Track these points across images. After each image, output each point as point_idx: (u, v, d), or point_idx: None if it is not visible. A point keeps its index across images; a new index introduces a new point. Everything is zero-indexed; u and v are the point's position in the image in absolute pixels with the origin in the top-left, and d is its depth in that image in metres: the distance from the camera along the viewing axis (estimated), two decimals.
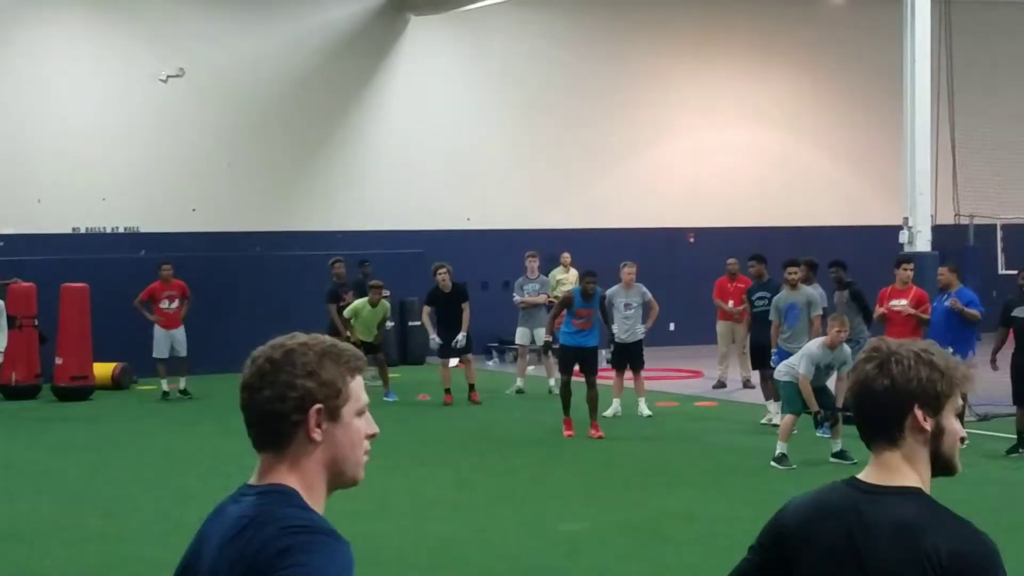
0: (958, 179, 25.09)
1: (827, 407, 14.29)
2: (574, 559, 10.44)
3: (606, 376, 18.03)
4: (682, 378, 22.51)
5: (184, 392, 20.38)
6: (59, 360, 20.66)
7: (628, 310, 18.08)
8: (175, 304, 20.77)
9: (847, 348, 14.32)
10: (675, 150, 28.44)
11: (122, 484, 13.81)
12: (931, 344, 3.15)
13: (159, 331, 20.62)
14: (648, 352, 18.65)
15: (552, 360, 19.40)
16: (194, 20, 24.87)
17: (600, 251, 23.33)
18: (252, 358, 2.83)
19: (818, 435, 15.36)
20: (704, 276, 23.42)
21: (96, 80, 24.25)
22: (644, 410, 18.05)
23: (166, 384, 20.40)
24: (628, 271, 18.30)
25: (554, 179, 27.47)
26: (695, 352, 24.35)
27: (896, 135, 20.77)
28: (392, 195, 26.11)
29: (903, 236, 19.41)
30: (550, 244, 24.42)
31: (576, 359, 16.43)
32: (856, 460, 13.14)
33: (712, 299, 21.48)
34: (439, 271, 19.64)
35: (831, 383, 14.67)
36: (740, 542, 3.36)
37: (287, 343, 2.82)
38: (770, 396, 17.20)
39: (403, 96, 26.37)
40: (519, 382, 20.93)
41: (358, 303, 20.14)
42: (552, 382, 19.67)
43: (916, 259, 17.44)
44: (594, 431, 16.27)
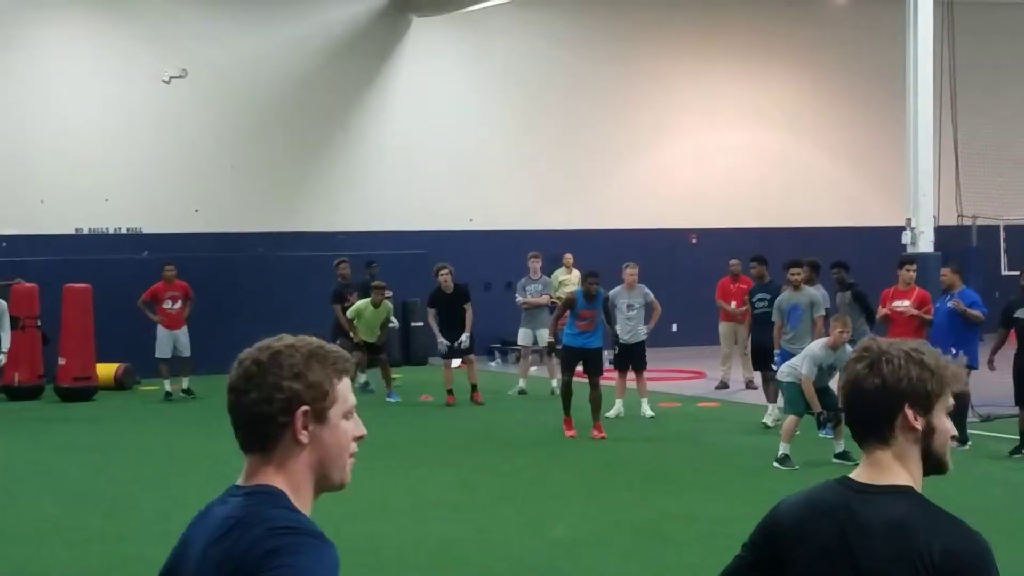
0: (961, 180, 25.06)
1: (830, 408, 14.29)
2: (575, 560, 10.44)
3: (609, 377, 18.02)
4: (685, 379, 22.51)
5: (188, 392, 20.39)
6: (62, 361, 20.67)
7: (631, 311, 18.08)
8: (178, 305, 20.77)
9: (850, 349, 14.30)
10: (676, 151, 28.45)
11: (124, 484, 13.81)
12: (922, 343, 3.17)
13: (162, 331, 20.64)
14: (651, 353, 18.64)
15: (555, 361, 19.40)
16: (194, 20, 24.89)
17: (602, 252, 23.35)
18: (239, 360, 2.82)
19: (821, 436, 15.34)
20: (706, 277, 23.42)
21: (97, 80, 24.27)
22: (647, 411, 18.06)
23: (169, 385, 20.40)
24: (630, 272, 18.30)
25: (556, 180, 27.48)
26: (698, 353, 24.35)
27: (897, 135, 20.77)
28: (394, 196, 26.11)
29: (906, 237, 19.39)
30: (552, 245, 24.39)
31: (579, 360, 16.45)
32: (858, 461, 13.10)
33: (715, 300, 21.48)
34: (441, 272, 19.60)
35: (834, 384, 14.64)
36: (741, 543, 3.37)
37: (274, 345, 2.81)
38: (771, 398, 17.19)
39: (405, 97, 26.38)
40: (521, 383, 20.93)
41: (360, 304, 20.15)
42: (554, 383, 19.64)
43: (919, 260, 17.43)
44: (597, 432, 16.27)
